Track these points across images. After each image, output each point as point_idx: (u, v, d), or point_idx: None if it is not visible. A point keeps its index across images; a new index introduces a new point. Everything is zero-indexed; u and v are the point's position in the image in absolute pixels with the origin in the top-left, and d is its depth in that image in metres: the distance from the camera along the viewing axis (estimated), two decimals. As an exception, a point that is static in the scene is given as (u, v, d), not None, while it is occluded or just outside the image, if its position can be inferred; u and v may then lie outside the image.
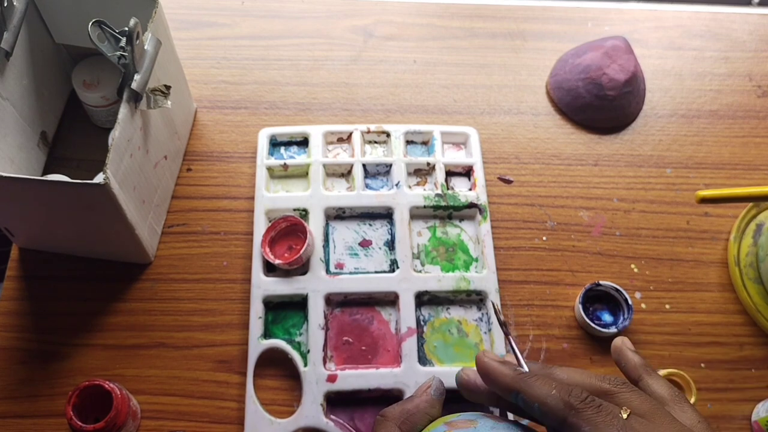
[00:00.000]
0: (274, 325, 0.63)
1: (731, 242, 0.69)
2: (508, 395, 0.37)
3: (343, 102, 0.77)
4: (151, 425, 0.59)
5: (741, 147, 0.76)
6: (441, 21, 0.84)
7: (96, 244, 0.64)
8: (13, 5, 0.60)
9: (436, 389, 0.39)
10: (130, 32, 0.54)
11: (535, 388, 0.35)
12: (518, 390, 0.35)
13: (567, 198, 0.72)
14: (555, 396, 0.34)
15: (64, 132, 0.72)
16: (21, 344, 0.62)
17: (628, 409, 0.33)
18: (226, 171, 0.72)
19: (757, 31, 0.85)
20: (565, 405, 0.33)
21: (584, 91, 0.75)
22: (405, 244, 0.66)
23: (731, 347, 0.65)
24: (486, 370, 0.38)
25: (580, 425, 0.32)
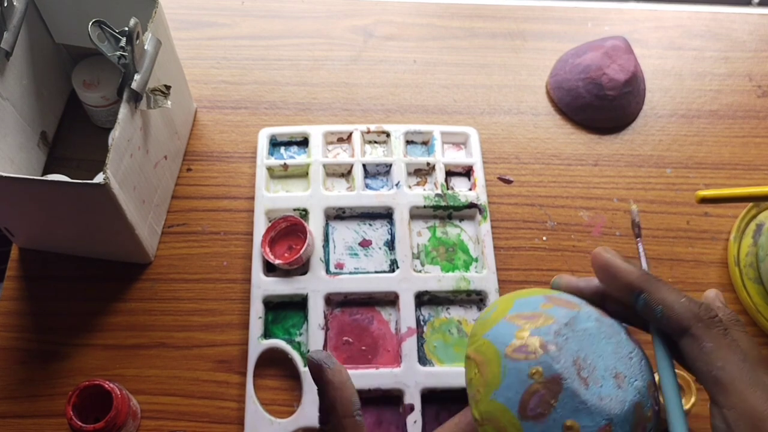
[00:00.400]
0: (274, 325, 0.63)
1: (731, 242, 0.69)
2: (627, 293, 0.34)
3: (343, 102, 0.77)
4: (151, 425, 0.59)
5: (741, 147, 0.76)
6: (441, 21, 0.84)
7: (96, 244, 0.64)
8: (13, 5, 0.60)
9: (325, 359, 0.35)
10: (130, 32, 0.54)
11: (664, 291, 0.33)
12: (644, 289, 0.34)
13: (567, 198, 0.72)
14: (684, 303, 0.32)
15: (64, 132, 0.72)
16: (21, 344, 0.62)
17: None
18: (226, 171, 0.72)
19: (757, 31, 0.85)
20: (693, 315, 0.32)
21: (584, 91, 0.75)
22: (405, 244, 0.66)
23: (731, 347, 0.65)
24: (607, 265, 0.35)
25: (703, 339, 0.31)
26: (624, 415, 0.28)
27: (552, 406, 0.28)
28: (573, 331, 0.30)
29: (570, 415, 0.28)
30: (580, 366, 0.29)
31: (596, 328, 0.31)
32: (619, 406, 0.28)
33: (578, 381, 0.28)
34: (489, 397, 0.30)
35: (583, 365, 0.29)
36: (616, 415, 0.28)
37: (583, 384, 0.29)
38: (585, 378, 0.29)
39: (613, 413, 0.28)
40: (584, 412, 0.28)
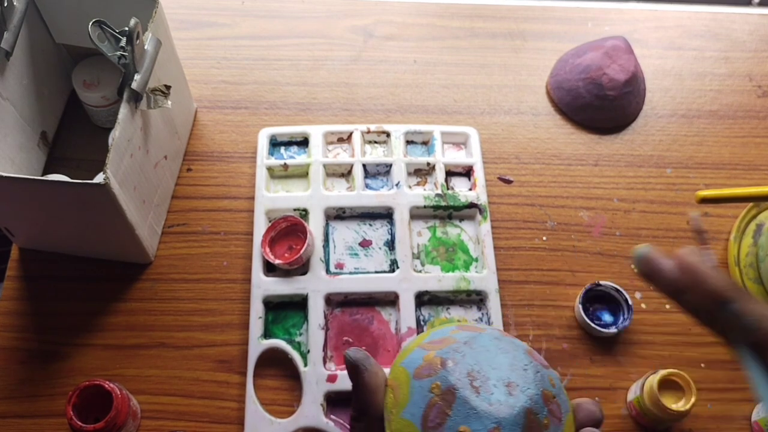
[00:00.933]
0: (274, 325, 0.63)
1: (731, 242, 0.69)
2: (711, 301, 0.35)
3: (343, 102, 0.77)
4: (151, 425, 0.59)
5: (741, 147, 0.76)
6: (441, 21, 0.84)
7: (96, 244, 0.64)
8: (13, 5, 0.60)
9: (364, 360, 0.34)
10: (131, 32, 0.54)
11: (754, 303, 0.34)
12: (734, 299, 0.34)
13: (567, 198, 0.72)
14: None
15: (64, 132, 0.72)
16: (21, 344, 0.62)
17: None
18: (226, 171, 0.72)
19: (757, 31, 0.85)
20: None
21: (584, 91, 0.75)
22: (405, 244, 0.66)
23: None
24: (694, 270, 0.36)
25: None
26: (513, 418, 0.30)
27: (448, 415, 0.30)
28: (471, 348, 0.32)
29: (462, 422, 0.30)
30: (473, 377, 0.31)
31: (494, 345, 0.33)
32: (508, 411, 0.30)
33: (470, 390, 0.31)
34: (399, 416, 0.32)
35: (476, 376, 0.31)
36: (504, 418, 0.30)
37: (475, 392, 0.31)
38: (477, 387, 0.31)
39: (501, 417, 0.30)
40: (474, 418, 0.30)
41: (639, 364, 0.64)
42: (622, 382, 0.63)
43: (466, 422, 0.30)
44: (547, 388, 0.32)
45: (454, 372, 0.31)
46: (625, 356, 0.64)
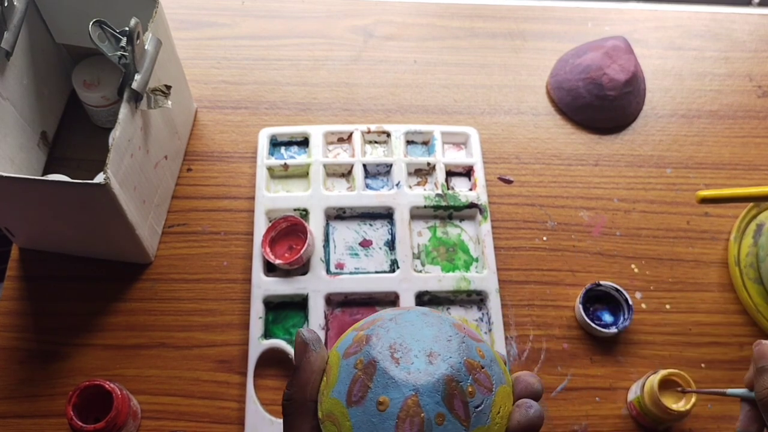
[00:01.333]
0: (275, 325, 0.63)
1: (731, 242, 0.69)
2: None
3: (344, 102, 0.77)
4: (152, 425, 0.59)
5: (741, 147, 0.76)
6: (441, 21, 0.84)
7: (96, 244, 0.64)
8: (13, 5, 0.60)
9: (317, 342, 0.34)
10: (131, 32, 0.54)
11: None
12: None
13: (567, 198, 0.72)
14: None
15: (65, 132, 0.72)
16: (21, 344, 0.62)
17: None
18: (226, 171, 0.72)
19: (757, 31, 0.85)
20: None
21: (584, 91, 0.75)
22: (405, 244, 0.66)
23: (731, 347, 0.65)
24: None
25: None
26: (432, 385, 0.30)
27: (369, 387, 0.31)
28: (396, 324, 0.33)
29: (382, 392, 0.30)
30: (394, 350, 0.32)
31: (420, 320, 0.33)
32: (427, 378, 0.30)
33: (390, 361, 0.31)
34: (329, 396, 0.32)
35: (398, 349, 0.32)
36: (422, 385, 0.30)
37: (395, 363, 0.31)
38: (398, 358, 0.31)
39: (419, 384, 0.30)
40: (393, 387, 0.30)
41: (639, 364, 0.64)
42: (622, 382, 0.63)
43: (385, 392, 0.30)
44: (474, 358, 0.32)
45: (376, 346, 0.32)
46: (625, 356, 0.64)
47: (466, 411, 0.30)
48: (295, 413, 0.33)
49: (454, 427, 0.30)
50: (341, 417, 0.31)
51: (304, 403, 0.33)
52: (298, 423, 0.32)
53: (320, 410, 0.33)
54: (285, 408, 0.33)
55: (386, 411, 0.30)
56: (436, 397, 0.30)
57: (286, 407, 0.33)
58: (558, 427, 0.61)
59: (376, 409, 0.30)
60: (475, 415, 0.30)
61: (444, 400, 0.30)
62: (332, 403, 0.32)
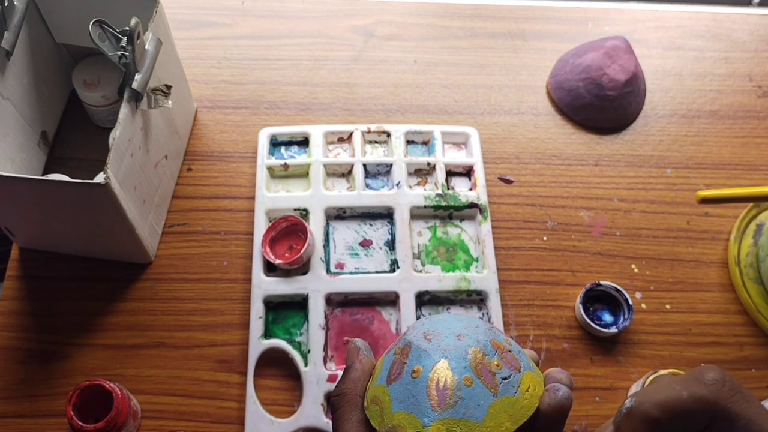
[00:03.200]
0: (275, 325, 0.63)
1: (731, 242, 0.69)
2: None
3: (344, 102, 0.77)
4: (152, 425, 0.59)
5: (741, 147, 0.76)
6: (441, 21, 0.84)
7: (96, 244, 0.64)
8: (13, 5, 0.60)
9: (366, 348, 0.38)
10: (131, 32, 0.54)
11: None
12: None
13: (567, 198, 0.72)
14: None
15: (65, 132, 0.72)
16: (21, 344, 0.62)
17: None
18: (226, 171, 0.72)
19: (757, 31, 0.85)
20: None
21: (585, 91, 0.75)
22: (405, 244, 0.66)
23: (731, 347, 0.65)
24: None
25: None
26: (459, 353, 0.33)
27: (405, 363, 0.34)
28: (429, 320, 0.36)
29: (416, 363, 0.33)
30: (427, 334, 0.34)
31: (451, 317, 0.36)
32: (454, 347, 0.33)
33: (424, 341, 0.34)
34: (373, 385, 0.35)
35: (430, 333, 0.34)
36: (450, 352, 0.33)
37: (427, 341, 0.34)
38: (430, 339, 0.34)
39: (448, 351, 0.33)
40: (425, 357, 0.33)
41: (639, 364, 0.64)
42: (622, 382, 0.63)
43: (418, 362, 0.33)
44: (500, 341, 0.34)
45: (411, 333, 0.35)
46: (625, 356, 0.64)
47: (493, 380, 0.32)
48: (345, 407, 0.35)
49: (482, 391, 0.32)
50: (382, 395, 0.34)
51: (354, 398, 0.35)
52: (347, 415, 0.35)
53: (366, 400, 0.35)
54: (335, 402, 0.36)
55: (420, 377, 0.33)
56: (464, 363, 0.32)
57: (336, 401, 0.36)
58: (558, 427, 0.61)
59: (411, 378, 0.33)
60: (503, 385, 0.32)
61: (472, 366, 0.32)
62: (376, 389, 0.35)
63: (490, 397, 0.32)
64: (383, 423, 0.33)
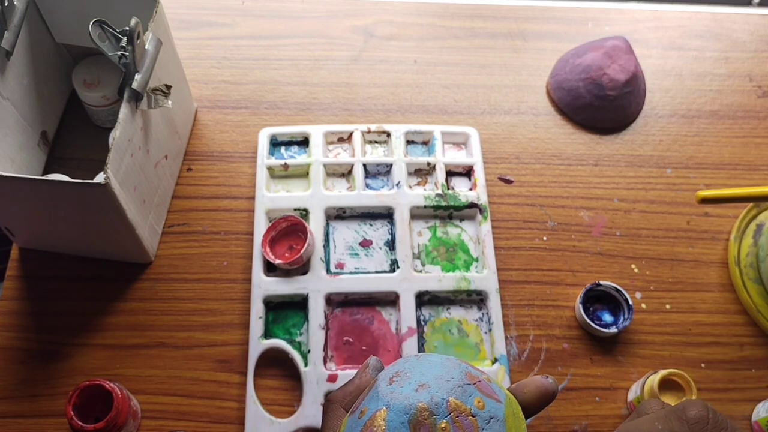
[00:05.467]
0: (275, 325, 0.63)
1: (731, 242, 0.69)
2: None
3: (344, 102, 0.77)
4: (152, 425, 0.59)
5: (741, 147, 0.76)
6: (441, 21, 0.84)
7: (96, 244, 0.64)
8: (13, 5, 0.60)
9: (373, 367, 0.38)
10: (131, 32, 0.54)
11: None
12: None
13: (567, 198, 0.72)
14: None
15: (65, 132, 0.72)
16: (21, 344, 0.62)
17: None
18: (226, 171, 0.72)
19: (757, 31, 0.85)
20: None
21: (585, 91, 0.75)
22: (405, 244, 0.66)
23: (731, 347, 0.65)
24: None
25: None
26: (402, 407, 0.31)
27: (362, 400, 0.33)
28: (417, 359, 0.34)
29: (367, 404, 0.33)
30: (397, 375, 0.33)
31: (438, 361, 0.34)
32: (402, 399, 0.32)
33: (386, 382, 0.33)
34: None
35: (400, 375, 0.33)
36: (394, 404, 0.32)
37: (388, 383, 0.33)
38: (394, 381, 0.33)
39: (392, 402, 0.32)
40: (374, 400, 0.32)
41: (639, 364, 0.64)
42: (622, 382, 0.63)
43: (368, 404, 0.33)
44: (464, 402, 0.32)
45: (387, 369, 0.34)
46: (625, 356, 0.64)
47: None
48: (328, 413, 0.37)
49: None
50: (343, 423, 0.34)
51: (337, 408, 0.37)
52: (328, 422, 0.36)
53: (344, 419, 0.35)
54: (324, 406, 0.38)
55: (362, 418, 0.32)
56: (403, 418, 0.31)
57: (324, 406, 0.38)
58: (558, 427, 0.61)
59: (358, 416, 0.33)
60: None
61: (410, 424, 0.31)
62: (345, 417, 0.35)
63: None
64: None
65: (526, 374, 0.63)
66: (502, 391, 0.34)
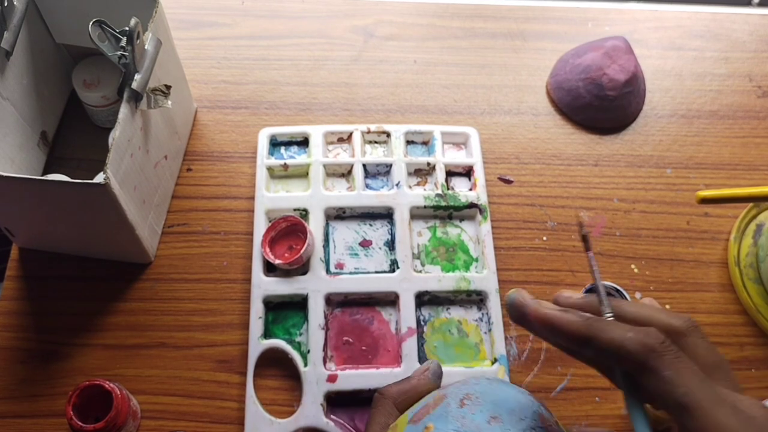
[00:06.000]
0: (275, 325, 0.63)
1: (731, 242, 0.69)
2: (578, 345, 0.33)
3: (344, 102, 0.77)
4: (152, 425, 0.59)
5: (741, 147, 0.76)
6: (441, 21, 0.84)
7: (96, 244, 0.64)
8: (13, 5, 0.60)
9: (434, 372, 0.38)
10: (131, 32, 0.54)
11: (609, 332, 0.32)
12: (591, 337, 0.32)
13: (567, 198, 0.72)
14: (632, 339, 0.31)
15: (65, 132, 0.72)
16: (21, 344, 0.62)
17: None
18: (226, 171, 0.72)
19: (757, 31, 0.85)
20: (643, 348, 0.31)
21: (584, 92, 0.75)
22: (405, 244, 0.66)
23: (731, 347, 0.65)
24: (549, 322, 0.34)
25: (660, 369, 0.30)
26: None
27: (429, 413, 0.32)
28: (489, 383, 0.33)
29: (433, 420, 0.31)
30: (468, 397, 0.32)
31: (513, 392, 0.33)
32: (473, 429, 0.30)
33: (457, 403, 0.32)
34: (408, 412, 0.34)
35: (472, 398, 0.32)
36: (466, 429, 0.30)
37: (459, 405, 0.32)
38: (465, 404, 0.32)
39: (462, 429, 0.30)
40: (442, 419, 0.31)
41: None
42: (622, 382, 0.63)
43: (435, 422, 0.31)
44: None
45: (458, 388, 0.33)
46: (625, 356, 0.64)
47: None
48: (378, 407, 0.36)
49: None
50: (398, 427, 0.33)
51: (388, 404, 0.36)
52: (377, 417, 0.36)
53: (397, 420, 0.35)
54: (374, 399, 0.37)
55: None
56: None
57: (375, 398, 0.37)
58: (558, 427, 0.61)
59: (422, 430, 0.32)
60: None
61: None
62: (403, 418, 0.34)
63: None
64: None
65: (526, 374, 0.63)
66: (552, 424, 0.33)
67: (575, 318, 0.34)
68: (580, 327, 0.33)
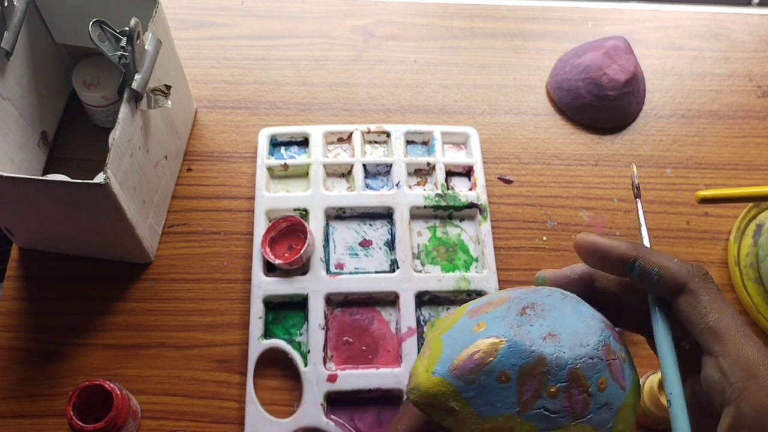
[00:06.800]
0: (275, 325, 0.63)
1: (731, 242, 0.69)
2: (621, 267, 0.35)
3: (344, 102, 0.77)
4: (152, 425, 0.59)
5: (741, 147, 0.76)
6: (441, 21, 0.84)
7: (96, 244, 0.64)
8: (13, 5, 0.60)
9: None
10: (131, 32, 0.54)
11: (656, 255, 0.34)
12: (637, 256, 0.34)
13: (567, 198, 0.72)
14: (678, 263, 0.34)
15: (65, 132, 0.72)
16: (21, 344, 0.62)
17: None
18: (226, 171, 0.72)
19: (757, 31, 0.85)
20: (688, 272, 0.33)
21: (584, 91, 0.75)
22: (405, 244, 0.66)
23: (731, 347, 0.65)
24: (595, 245, 0.36)
25: (699, 293, 0.32)
26: (521, 350, 0.29)
27: (489, 306, 0.31)
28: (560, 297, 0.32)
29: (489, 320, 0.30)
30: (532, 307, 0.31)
31: (582, 311, 0.32)
32: (525, 342, 0.29)
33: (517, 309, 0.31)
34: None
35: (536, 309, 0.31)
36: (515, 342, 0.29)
37: (519, 313, 0.30)
38: (526, 313, 0.30)
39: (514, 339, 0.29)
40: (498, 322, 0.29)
41: (639, 364, 0.63)
42: (622, 382, 0.63)
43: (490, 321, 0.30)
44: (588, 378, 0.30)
45: (525, 293, 0.32)
46: (625, 356, 0.64)
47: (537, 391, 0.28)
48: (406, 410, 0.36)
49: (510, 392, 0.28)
50: (454, 318, 0.31)
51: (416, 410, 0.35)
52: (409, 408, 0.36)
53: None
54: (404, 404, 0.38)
55: (476, 332, 0.30)
56: (516, 361, 0.28)
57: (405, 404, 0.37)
58: (558, 427, 0.61)
59: (474, 326, 0.30)
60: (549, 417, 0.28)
61: (520, 369, 0.28)
62: (461, 308, 0.33)
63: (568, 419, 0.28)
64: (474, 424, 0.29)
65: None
66: (632, 376, 0.33)
67: (622, 242, 0.36)
68: (629, 248, 0.35)
